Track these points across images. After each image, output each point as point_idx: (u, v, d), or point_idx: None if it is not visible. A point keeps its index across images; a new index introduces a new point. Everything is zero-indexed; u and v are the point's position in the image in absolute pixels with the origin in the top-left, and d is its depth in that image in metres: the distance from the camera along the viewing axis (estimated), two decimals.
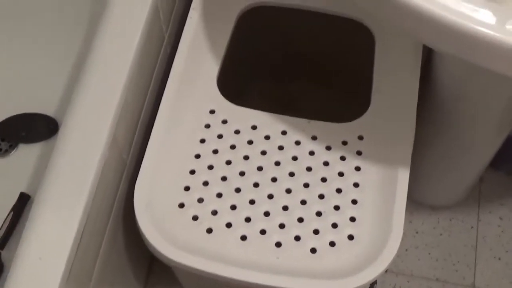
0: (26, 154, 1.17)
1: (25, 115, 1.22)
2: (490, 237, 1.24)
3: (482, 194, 1.28)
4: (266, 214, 0.88)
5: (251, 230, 0.87)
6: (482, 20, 0.62)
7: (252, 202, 0.89)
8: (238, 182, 0.91)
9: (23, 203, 1.08)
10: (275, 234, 0.87)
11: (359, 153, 0.93)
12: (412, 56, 0.98)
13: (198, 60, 0.99)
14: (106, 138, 0.85)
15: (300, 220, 0.88)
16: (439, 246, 1.23)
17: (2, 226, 1.05)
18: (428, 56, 1.03)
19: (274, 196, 0.90)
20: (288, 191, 0.90)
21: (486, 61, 0.65)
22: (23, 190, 1.09)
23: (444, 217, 1.26)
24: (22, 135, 1.20)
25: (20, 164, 1.16)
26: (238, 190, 0.90)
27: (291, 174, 0.91)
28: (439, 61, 1.00)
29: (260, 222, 0.88)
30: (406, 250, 1.23)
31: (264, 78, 1.27)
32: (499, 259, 1.22)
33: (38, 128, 1.19)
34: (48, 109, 1.20)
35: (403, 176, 0.90)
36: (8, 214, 1.06)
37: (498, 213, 1.26)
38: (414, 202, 1.26)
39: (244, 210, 0.89)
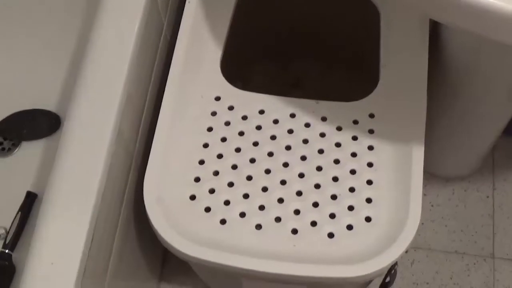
0: (29, 152, 1.15)
1: (26, 111, 1.20)
2: (506, 205, 1.22)
3: (496, 162, 1.25)
4: (280, 200, 0.86)
5: (265, 219, 0.85)
6: None
7: (264, 189, 0.87)
8: (249, 169, 0.88)
9: (30, 202, 1.06)
10: (291, 221, 0.85)
11: (371, 131, 0.90)
12: (419, 29, 0.95)
13: (200, 46, 0.97)
14: (112, 131, 0.83)
15: (315, 204, 0.86)
16: (456, 218, 1.21)
17: (11, 227, 1.03)
18: (435, 27, 1.00)
19: (287, 182, 0.87)
20: (301, 175, 0.88)
21: (493, 32, 0.62)
22: (30, 189, 1.07)
23: (459, 188, 1.23)
24: (24, 133, 1.18)
25: (24, 162, 1.14)
26: (249, 178, 0.88)
27: (303, 158, 0.89)
28: (447, 32, 0.97)
29: (274, 210, 0.86)
30: (423, 223, 1.21)
31: (269, 60, 1.24)
32: None
33: (40, 124, 1.17)
34: (49, 104, 1.18)
35: (418, 152, 0.87)
36: (16, 215, 1.04)
37: None
38: (428, 173, 1.23)
39: (257, 198, 0.87)
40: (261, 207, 0.86)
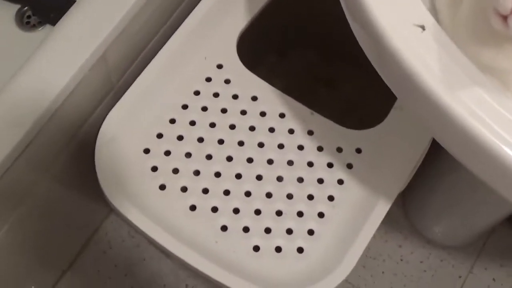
0: None
1: None
2: None
3: (487, 246, 1.17)
4: (226, 192, 0.82)
5: (203, 203, 0.81)
6: None
7: (217, 174, 0.83)
8: (213, 149, 0.84)
9: None
10: (225, 217, 0.81)
11: (349, 166, 0.84)
12: None
13: (228, 7, 0.91)
14: (92, 52, 0.79)
15: (257, 212, 0.81)
16: (418, 283, 1.14)
17: None
18: None
19: (242, 177, 0.83)
20: (259, 177, 0.83)
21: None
22: None
23: (436, 255, 1.16)
24: (51, 16, 1.16)
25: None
26: (209, 157, 0.84)
27: (270, 162, 0.84)
28: None
29: (215, 199, 0.82)
30: (383, 272, 1.15)
31: (299, 49, 1.18)
32: None
33: None
34: None
35: (382, 209, 0.81)
36: None
37: (493, 273, 1.15)
38: (413, 228, 1.17)
39: (206, 180, 0.83)
40: (205, 190, 0.82)
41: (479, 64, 0.54)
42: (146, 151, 0.84)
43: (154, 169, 0.83)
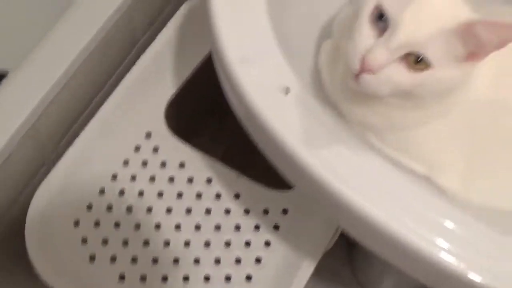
0: None
1: None
2: None
3: None
4: (155, 260, 0.84)
5: (132, 272, 0.83)
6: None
7: (146, 243, 0.85)
8: (142, 217, 0.86)
9: None
10: (154, 286, 0.82)
11: (276, 227, 0.86)
12: None
13: (156, 76, 0.94)
14: (21, 124, 0.82)
15: (185, 278, 0.83)
16: None
17: None
18: None
19: (170, 244, 0.85)
20: (187, 243, 0.85)
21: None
22: None
23: None
24: None
25: None
26: (137, 226, 0.86)
27: (197, 227, 0.86)
28: None
29: (144, 268, 0.83)
30: None
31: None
32: None
33: None
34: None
35: (307, 268, 0.83)
36: None
37: None
38: (359, 286, 1.18)
39: (135, 248, 0.84)
40: (134, 259, 0.84)
41: (355, 120, 0.57)
42: (76, 223, 0.85)
43: (84, 240, 0.84)
